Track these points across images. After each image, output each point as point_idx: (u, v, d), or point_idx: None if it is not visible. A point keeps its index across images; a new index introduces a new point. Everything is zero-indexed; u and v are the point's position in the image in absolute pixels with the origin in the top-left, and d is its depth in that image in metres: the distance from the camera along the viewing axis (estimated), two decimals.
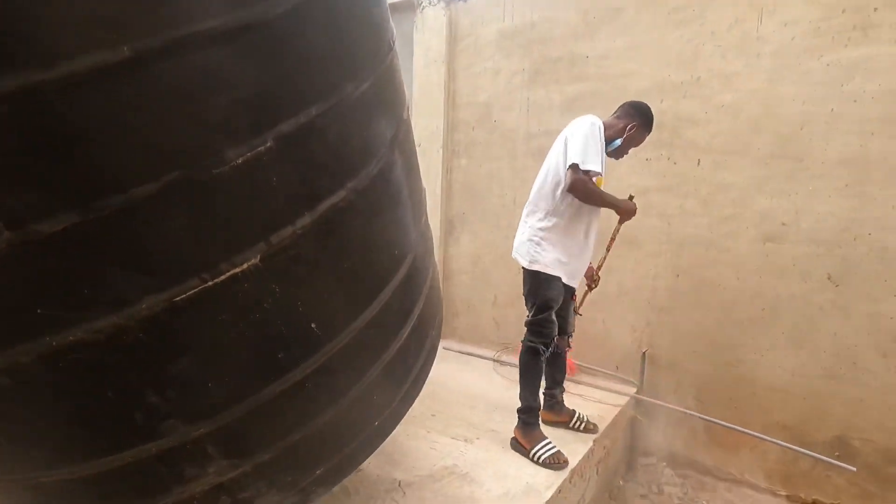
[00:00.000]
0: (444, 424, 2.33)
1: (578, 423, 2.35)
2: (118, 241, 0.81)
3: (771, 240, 2.49)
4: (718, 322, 2.64)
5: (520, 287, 2.41)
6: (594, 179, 2.09)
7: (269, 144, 0.90)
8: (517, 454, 2.08)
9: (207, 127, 0.83)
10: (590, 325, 3.03)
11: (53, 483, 1.09)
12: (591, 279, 2.46)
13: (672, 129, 2.71)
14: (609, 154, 2.22)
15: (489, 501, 1.76)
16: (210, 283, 0.91)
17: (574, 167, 1.99)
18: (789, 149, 2.42)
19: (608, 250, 2.45)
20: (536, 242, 2.17)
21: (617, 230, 2.39)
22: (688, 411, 2.64)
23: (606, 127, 2.15)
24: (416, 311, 1.54)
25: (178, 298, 0.89)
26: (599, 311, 3.00)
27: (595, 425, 2.36)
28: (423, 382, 1.74)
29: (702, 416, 2.62)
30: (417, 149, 3.65)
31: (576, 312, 2.46)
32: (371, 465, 1.96)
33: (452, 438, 2.20)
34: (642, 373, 2.84)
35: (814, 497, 2.44)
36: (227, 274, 0.93)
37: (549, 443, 2.08)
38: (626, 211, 2.20)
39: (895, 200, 2.21)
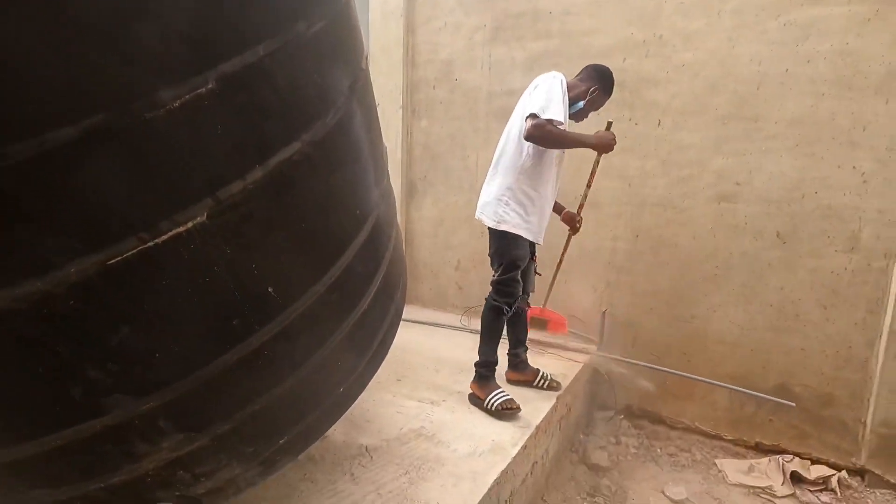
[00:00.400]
0: (410, 388, 2.33)
1: (542, 381, 2.39)
2: (34, 195, 0.71)
3: (725, 199, 2.55)
4: (674, 281, 2.73)
5: (483, 250, 2.43)
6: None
7: (210, 86, 0.80)
8: (483, 414, 2.11)
9: (135, 63, 0.72)
10: (555, 284, 3.08)
11: None
12: (573, 223, 2.47)
13: (633, 90, 2.70)
14: (571, 116, 2.18)
15: (457, 461, 1.77)
16: (150, 244, 0.82)
17: (533, 116, 1.96)
18: (745, 109, 2.46)
19: (588, 187, 2.43)
20: (504, 202, 2.16)
21: (596, 163, 2.36)
22: (637, 362, 2.74)
23: (570, 87, 2.13)
24: (380, 275, 1.48)
25: (112, 261, 0.80)
26: (561, 273, 3.04)
27: (559, 383, 2.40)
28: (389, 347, 1.70)
29: (655, 366, 2.73)
30: (377, 108, 3.50)
31: (535, 272, 2.48)
32: (337, 431, 1.93)
33: (419, 402, 2.20)
34: (602, 331, 2.92)
35: (756, 440, 2.62)
36: (170, 233, 0.84)
37: (502, 391, 2.13)
38: (600, 144, 2.15)
39: (840, 160, 2.31)
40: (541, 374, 2.40)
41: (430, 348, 2.82)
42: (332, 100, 1.09)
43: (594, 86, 2.16)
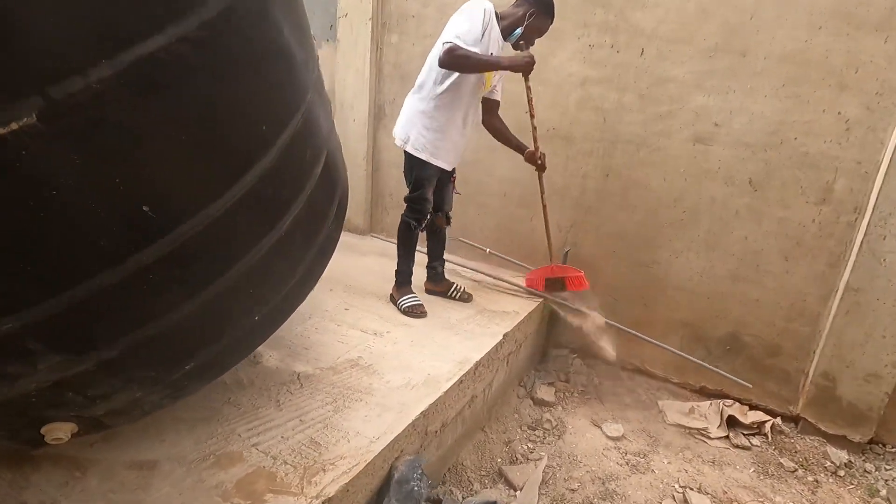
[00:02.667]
0: (356, 318, 2.30)
1: (455, 292, 2.60)
2: None
3: (701, 140, 2.41)
4: (640, 224, 2.64)
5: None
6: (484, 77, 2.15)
7: None
8: (424, 348, 2.09)
9: None
10: (518, 222, 2.99)
11: None
12: (535, 161, 2.45)
13: (619, 12, 2.45)
14: (514, 46, 2.20)
15: (387, 391, 1.76)
16: None
17: (448, 44, 1.96)
18: (735, 41, 2.25)
19: (532, 116, 2.35)
20: (413, 124, 2.24)
21: (528, 89, 2.26)
22: (588, 311, 2.71)
23: (504, 16, 2.15)
24: (300, 201, 1.37)
25: None
26: (528, 209, 2.94)
27: (470, 295, 2.61)
28: (316, 278, 1.63)
29: (612, 322, 2.72)
30: (344, 18, 3.20)
31: (454, 192, 2.55)
32: (272, 357, 1.91)
33: (362, 332, 2.17)
34: None
35: (702, 384, 2.66)
36: None
37: (414, 297, 2.40)
38: (514, 65, 2.10)
39: (826, 104, 2.14)
40: (454, 286, 2.62)
41: (383, 279, 2.76)
42: None
43: (531, 10, 2.12)
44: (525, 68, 2.13)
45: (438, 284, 2.64)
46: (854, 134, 2.12)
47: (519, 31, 2.15)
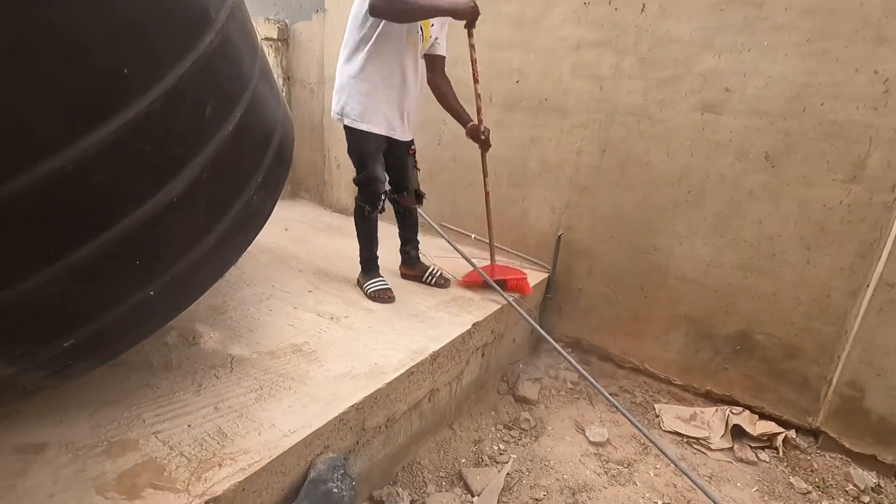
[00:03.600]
0: (317, 301, 2.14)
1: (430, 277, 2.42)
2: None
3: (710, 109, 2.09)
4: (639, 205, 2.35)
5: (440, 158, 2.46)
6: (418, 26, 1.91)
7: None
8: (381, 335, 1.91)
9: None
10: (509, 204, 2.76)
11: None
12: (478, 136, 2.19)
13: None
14: None
15: (322, 381, 1.60)
16: None
17: None
18: None
19: (476, 81, 2.11)
20: (347, 93, 2.00)
21: (471, 45, 2.02)
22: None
23: None
24: (199, 162, 1.21)
25: None
26: (519, 189, 2.70)
27: (447, 280, 2.42)
28: (234, 254, 1.48)
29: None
30: None
31: (415, 168, 2.29)
32: (211, 339, 1.78)
33: (318, 316, 2.02)
34: (555, 257, 2.62)
35: (707, 387, 2.36)
36: None
37: (381, 281, 2.24)
38: (461, 10, 1.83)
39: (860, 62, 1.79)
40: (430, 270, 2.44)
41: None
42: None
43: None
44: (468, 13, 1.85)
45: (413, 269, 2.46)
46: (894, 97, 1.76)
47: None
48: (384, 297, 2.19)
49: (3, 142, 0.87)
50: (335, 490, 1.36)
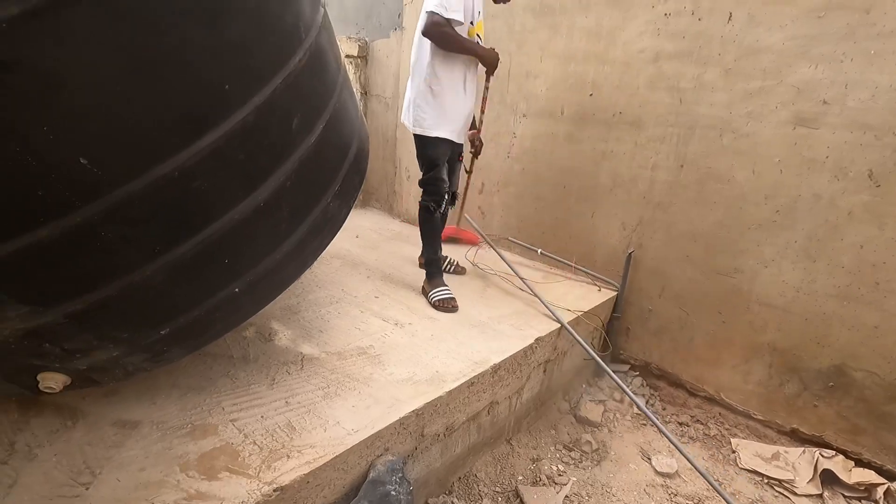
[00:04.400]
0: (383, 307, 2.21)
1: (449, 266, 2.64)
2: None
3: (804, 123, 1.94)
4: (720, 224, 2.21)
5: (508, 172, 2.62)
6: (469, 29, 2.09)
7: None
8: (442, 343, 1.94)
9: None
10: (577, 218, 2.71)
11: None
12: (473, 143, 2.46)
13: None
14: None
15: (386, 384, 1.64)
16: None
17: (430, 14, 1.96)
18: None
19: (482, 112, 2.42)
20: (417, 105, 2.18)
21: (486, 87, 2.34)
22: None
23: None
24: (285, 170, 1.31)
25: None
26: (589, 204, 2.64)
27: (463, 268, 2.69)
28: (310, 257, 1.56)
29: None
30: (410, 5, 3.16)
31: (466, 172, 2.55)
32: (284, 336, 1.89)
33: (384, 321, 2.08)
34: (625, 275, 2.52)
35: (793, 425, 2.16)
36: None
37: (445, 290, 2.28)
38: (487, 57, 2.13)
39: None
40: (447, 260, 2.63)
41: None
42: None
43: None
44: (493, 64, 2.16)
45: None
46: None
47: None
48: (448, 305, 2.23)
49: (126, 150, 0.99)
50: (393, 493, 1.39)
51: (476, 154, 2.52)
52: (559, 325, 2.17)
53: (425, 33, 2.00)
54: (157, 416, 1.42)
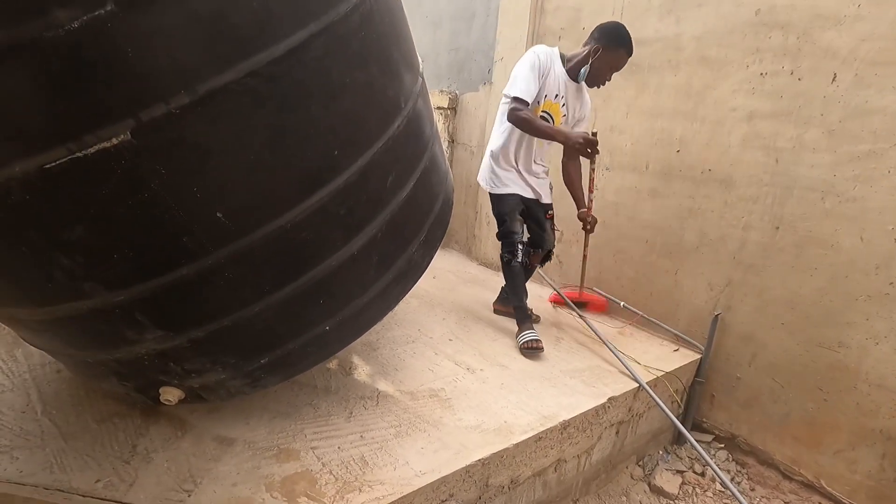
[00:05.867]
0: (456, 350, 2.28)
1: None
2: None
3: None
4: (822, 292, 2.05)
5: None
6: (542, 104, 2.23)
7: (110, 8, 0.86)
8: (512, 394, 1.95)
9: None
10: (660, 275, 2.63)
11: (32, 321, 1.32)
12: (584, 224, 2.46)
13: (803, 33, 2.02)
14: (588, 83, 2.26)
15: (454, 429, 1.69)
16: (79, 154, 0.94)
17: (507, 98, 2.19)
18: None
19: (591, 192, 2.44)
20: (489, 167, 2.42)
21: (592, 168, 2.37)
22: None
23: (571, 57, 2.23)
24: (378, 223, 1.45)
25: (48, 165, 0.94)
26: (672, 261, 2.56)
27: (538, 317, 2.64)
28: (393, 301, 1.68)
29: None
30: (500, 62, 3.35)
31: (553, 229, 2.57)
32: (363, 371, 2.02)
33: (456, 364, 2.14)
34: (711, 338, 2.39)
35: None
36: (96, 147, 0.94)
37: (532, 332, 2.33)
38: (567, 142, 2.18)
39: None
40: None
41: (502, 317, 2.69)
42: (283, 31, 1.07)
43: (596, 46, 2.14)
44: (576, 149, 2.19)
45: (506, 306, 2.66)
46: None
47: (585, 70, 2.18)
48: (534, 347, 2.27)
49: (252, 207, 1.17)
50: None
51: (590, 230, 2.52)
52: (635, 385, 2.10)
53: (509, 119, 2.20)
54: (249, 436, 1.57)
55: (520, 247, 2.36)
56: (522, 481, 1.75)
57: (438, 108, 3.75)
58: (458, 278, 3.39)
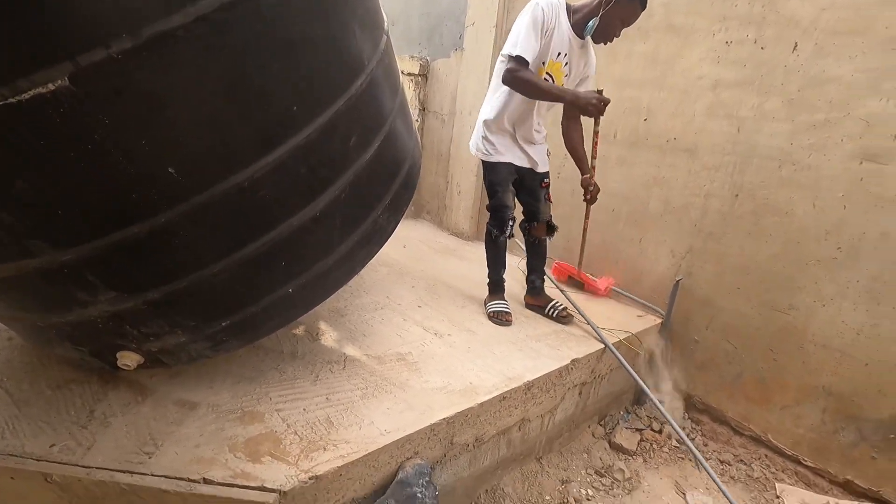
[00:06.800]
0: (425, 316, 2.29)
1: (552, 310, 2.40)
2: None
3: (873, 158, 1.85)
4: (776, 257, 2.14)
5: (557, 193, 2.51)
6: (546, 65, 2.02)
7: None
8: (479, 357, 1.99)
9: None
10: (625, 243, 2.68)
11: None
12: (586, 191, 2.31)
13: (768, 1, 2.04)
14: (594, 39, 2.02)
15: (420, 391, 1.72)
16: (12, 100, 0.88)
17: (505, 58, 1.97)
18: None
19: (594, 157, 2.28)
20: (480, 133, 2.24)
21: (595, 131, 2.21)
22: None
23: (577, 10, 1.99)
24: (341, 184, 1.42)
25: None
26: (638, 229, 2.61)
27: (571, 315, 2.39)
28: (358, 265, 1.66)
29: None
30: (471, 27, 3.28)
31: (547, 200, 2.37)
32: (330, 337, 2.01)
33: (424, 330, 2.16)
34: (671, 303, 2.47)
35: (848, 476, 2.02)
36: (31, 93, 0.89)
37: (502, 303, 2.34)
38: (577, 103, 1.96)
39: None
40: (552, 303, 2.43)
41: (469, 284, 2.72)
42: None
43: None
44: (590, 111, 1.95)
45: (537, 298, 2.48)
46: None
47: (594, 21, 1.92)
48: (502, 318, 2.28)
49: (206, 163, 1.13)
50: (419, 495, 1.45)
51: (591, 201, 2.36)
52: (597, 349, 2.16)
53: (505, 82, 2.00)
54: (213, 399, 1.56)
55: (510, 223, 2.24)
56: (487, 440, 1.79)
57: (409, 74, 3.67)
58: (429, 248, 3.39)
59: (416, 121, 3.81)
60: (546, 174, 2.33)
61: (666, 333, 2.52)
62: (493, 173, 2.22)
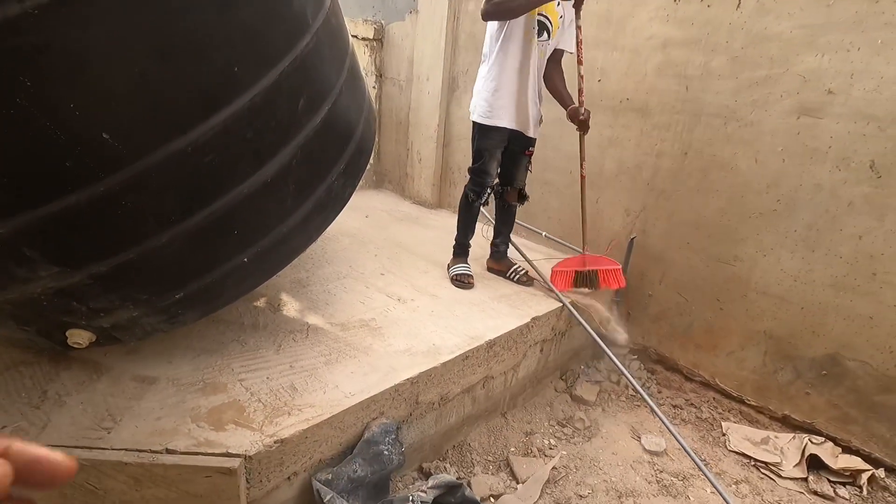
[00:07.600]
0: (387, 283, 2.31)
1: (514, 274, 2.47)
2: None
3: (808, 112, 1.94)
4: (722, 212, 2.24)
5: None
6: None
7: None
8: (441, 318, 2.03)
9: None
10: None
11: None
12: (577, 117, 2.14)
13: None
14: None
15: (384, 354, 1.74)
16: None
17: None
18: None
19: (580, 63, 2.14)
20: (477, 93, 2.20)
21: (578, 27, 2.10)
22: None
23: None
24: (291, 149, 1.39)
25: None
26: (593, 190, 2.67)
27: (531, 279, 2.44)
28: (315, 231, 1.65)
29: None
30: None
31: (527, 169, 2.37)
32: (292, 307, 2.00)
33: (387, 297, 2.18)
34: (626, 260, 2.57)
35: (785, 412, 2.20)
36: None
37: (465, 266, 2.38)
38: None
39: None
40: (514, 267, 2.49)
41: (432, 251, 2.73)
42: None
43: None
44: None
45: (498, 263, 2.54)
46: None
47: None
48: (464, 281, 2.33)
49: (143, 127, 1.08)
50: (385, 452, 1.50)
51: (584, 126, 2.17)
52: (557, 307, 2.23)
53: (484, 16, 1.99)
54: (172, 373, 1.54)
55: (488, 190, 2.28)
56: (452, 398, 1.85)
57: (364, 38, 3.56)
58: (390, 217, 3.38)
59: (374, 88, 3.73)
60: (533, 142, 2.30)
61: (622, 290, 2.62)
62: (483, 139, 2.21)
